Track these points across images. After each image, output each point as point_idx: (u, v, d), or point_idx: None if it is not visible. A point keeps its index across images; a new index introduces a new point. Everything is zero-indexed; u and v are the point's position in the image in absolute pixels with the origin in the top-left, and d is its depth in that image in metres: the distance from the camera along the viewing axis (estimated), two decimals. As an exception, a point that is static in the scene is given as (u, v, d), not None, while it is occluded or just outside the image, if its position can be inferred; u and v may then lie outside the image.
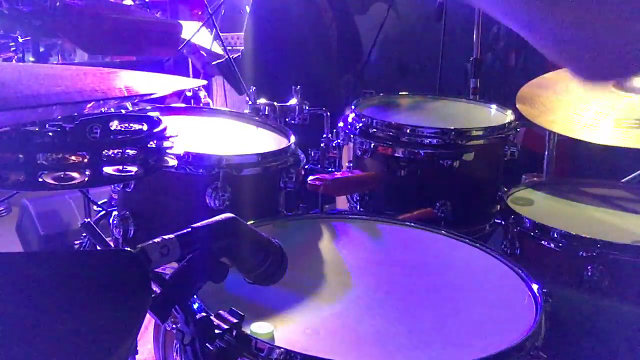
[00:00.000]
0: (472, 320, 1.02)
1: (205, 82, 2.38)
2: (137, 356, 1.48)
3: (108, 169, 1.01)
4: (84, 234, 2.29)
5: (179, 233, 0.81)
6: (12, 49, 2.46)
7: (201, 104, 2.47)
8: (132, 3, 2.91)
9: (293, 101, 1.92)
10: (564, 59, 0.56)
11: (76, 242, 2.34)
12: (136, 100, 1.63)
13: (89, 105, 0.93)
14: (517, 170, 2.13)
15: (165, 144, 1.13)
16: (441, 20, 2.63)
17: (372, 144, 1.75)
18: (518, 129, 1.83)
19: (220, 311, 0.90)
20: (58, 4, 1.84)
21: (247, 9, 2.65)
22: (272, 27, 2.49)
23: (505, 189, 1.69)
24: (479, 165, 1.74)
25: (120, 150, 1.03)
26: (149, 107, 1.76)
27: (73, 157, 0.98)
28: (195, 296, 0.93)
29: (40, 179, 0.96)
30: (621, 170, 2.18)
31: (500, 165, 1.85)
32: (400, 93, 2.19)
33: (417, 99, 2.16)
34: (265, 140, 1.70)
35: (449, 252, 1.28)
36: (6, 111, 0.77)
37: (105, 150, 1.01)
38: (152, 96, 1.06)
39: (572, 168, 2.91)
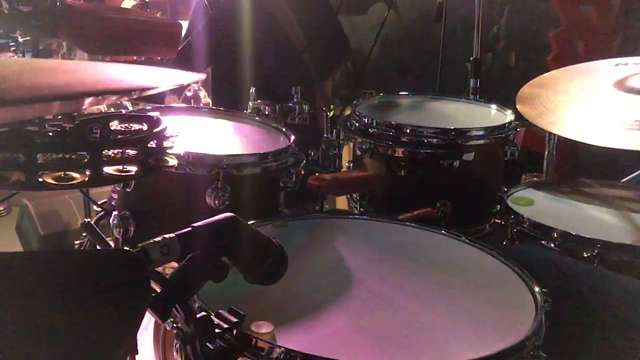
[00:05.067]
0: (472, 320, 1.02)
1: (204, 76, 2.37)
2: (137, 356, 1.48)
3: (108, 169, 1.01)
4: (84, 234, 2.28)
5: (179, 232, 0.81)
6: (12, 49, 2.45)
7: (201, 104, 2.47)
8: (134, 3, 2.91)
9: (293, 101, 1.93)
10: None
11: (76, 242, 2.34)
12: (136, 97, 1.63)
13: (89, 100, 0.93)
14: (517, 170, 2.13)
15: (165, 144, 1.13)
16: (441, 20, 2.64)
17: (372, 144, 1.75)
18: (518, 129, 1.83)
19: (221, 310, 0.90)
20: (58, 4, 1.84)
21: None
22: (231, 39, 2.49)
23: (505, 189, 1.69)
24: (479, 165, 1.74)
25: (120, 150, 1.03)
26: (148, 107, 1.76)
27: (73, 157, 0.98)
28: (195, 295, 0.94)
29: (40, 179, 0.96)
30: (621, 170, 2.18)
31: (500, 165, 1.85)
32: (400, 93, 2.19)
33: (417, 99, 2.17)
34: (265, 140, 1.70)
35: (449, 252, 1.28)
36: (8, 104, 0.77)
37: (105, 150, 1.01)
38: (154, 91, 1.05)
39: (572, 168, 2.91)
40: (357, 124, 1.83)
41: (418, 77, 3.64)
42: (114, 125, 1.12)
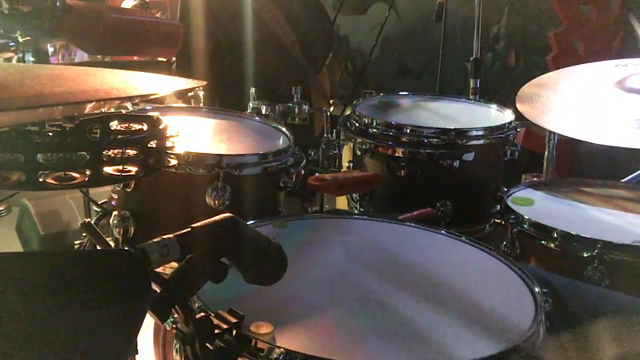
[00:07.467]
0: (472, 320, 1.02)
1: (205, 82, 2.38)
2: (137, 356, 1.48)
3: (108, 169, 1.01)
4: (84, 234, 2.29)
5: (178, 233, 0.81)
6: (12, 49, 2.45)
7: (201, 104, 2.47)
8: (134, 3, 2.91)
9: (293, 101, 1.93)
10: None
11: (76, 242, 2.34)
12: (137, 101, 1.63)
13: (90, 106, 0.93)
14: (517, 170, 2.14)
15: (166, 143, 1.13)
16: (441, 20, 2.64)
17: (372, 144, 1.75)
18: (518, 129, 1.83)
19: (220, 311, 0.90)
20: (58, 4, 1.84)
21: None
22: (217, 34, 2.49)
23: (505, 189, 1.69)
24: (479, 165, 1.74)
25: (120, 150, 1.03)
26: (149, 107, 1.76)
27: (73, 157, 0.98)
28: (195, 296, 0.94)
29: (40, 179, 0.96)
30: (621, 170, 2.18)
31: (500, 165, 1.85)
32: (400, 93, 2.19)
33: (417, 99, 2.17)
34: (265, 140, 1.70)
35: (449, 252, 1.28)
36: (10, 111, 0.77)
37: (105, 150, 1.01)
38: (154, 96, 1.06)
39: (572, 168, 2.91)
40: (357, 124, 1.83)
41: (418, 77, 3.65)
42: (114, 125, 1.12)
